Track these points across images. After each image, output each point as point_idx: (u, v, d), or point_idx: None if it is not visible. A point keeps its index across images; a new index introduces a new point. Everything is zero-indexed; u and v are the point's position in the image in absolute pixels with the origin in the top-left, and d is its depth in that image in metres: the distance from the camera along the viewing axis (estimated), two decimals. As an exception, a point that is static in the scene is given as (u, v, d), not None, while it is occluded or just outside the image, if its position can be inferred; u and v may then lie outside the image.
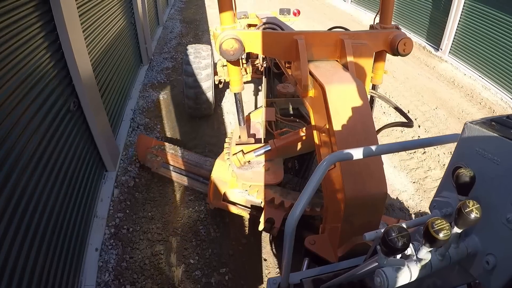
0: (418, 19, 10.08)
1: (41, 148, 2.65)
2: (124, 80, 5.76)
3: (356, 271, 1.24)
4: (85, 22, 3.85)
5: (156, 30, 10.29)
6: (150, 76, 7.25)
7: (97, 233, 3.43)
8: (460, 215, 0.87)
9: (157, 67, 7.75)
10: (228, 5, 2.46)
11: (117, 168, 4.26)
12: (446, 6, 8.52)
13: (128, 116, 5.55)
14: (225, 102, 6.40)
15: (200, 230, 3.61)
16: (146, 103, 6.18)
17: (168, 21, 11.85)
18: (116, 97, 5.06)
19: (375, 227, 1.98)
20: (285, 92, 4.20)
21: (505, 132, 0.93)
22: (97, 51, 4.25)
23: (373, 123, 2.11)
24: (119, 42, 5.56)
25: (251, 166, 3.05)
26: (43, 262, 2.43)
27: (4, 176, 2.12)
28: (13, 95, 2.32)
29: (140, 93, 6.46)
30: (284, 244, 1.38)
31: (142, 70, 7.35)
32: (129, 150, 4.73)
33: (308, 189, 1.30)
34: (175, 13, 13.31)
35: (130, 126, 5.31)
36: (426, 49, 9.32)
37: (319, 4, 15.75)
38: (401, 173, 4.67)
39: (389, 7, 2.80)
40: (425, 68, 8.29)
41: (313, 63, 2.48)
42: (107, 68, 4.72)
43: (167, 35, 10.24)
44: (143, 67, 7.50)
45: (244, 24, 5.33)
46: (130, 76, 6.37)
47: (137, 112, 5.81)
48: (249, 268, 3.35)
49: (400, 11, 10.90)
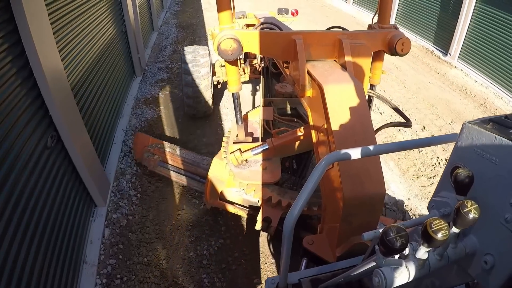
0: (425, 22, 9.66)
1: (16, 193, 2.29)
2: (114, 97, 5.20)
3: (354, 271, 1.24)
4: (64, 39, 3.38)
5: (150, 36, 9.72)
6: (143, 89, 6.73)
7: (87, 282, 3.04)
8: (459, 215, 0.87)
9: (151, 78, 7.25)
10: (227, 4, 2.45)
11: (107, 202, 3.79)
12: (455, 9, 8.19)
13: (119, 138, 4.97)
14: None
15: (203, 279, 3.25)
16: (139, 121, 5.64)
17: (163, 26, 11.33)
18: (105, 118, 4.58)
19: (373, 227, 1.97)
20: (283, 91, 4.20)
21: (504, 132, 0.93)
22: (79, 71, 3.76)
23: (371, 123, 2.11)
24: (107, 54, 5.02)
25: (248, 165, 3.05)
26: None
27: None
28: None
29: (133, 110, 5.91)
30: (282, 244, 1.37)
31: (135, 83, 6.80)
32: (120, 180, 4.25)
33: (306, 189, 1.29)
34: (171, 17, 12.85)
35: (121, 150, 4.77)
36: (434, 54, 9.03)
37: (320, 6, 15.57)
38: (422, 203, 4.33)
39: (387, 7, 2.80)
40: (435, 76, 7.97)
41: (311, 63, 2.48)
42: (93, 88, 4.23)
43: (162, 42, 9.72)
44: (136, 78, 6.95)
45: (242, 24, 5.32)
46: (122, 91, 5.80)
47: (130, 133, 5.23)
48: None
49: (406, 13, 10.58)
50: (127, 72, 6.38)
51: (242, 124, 3.09)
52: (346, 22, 12.37)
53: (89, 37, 4.24)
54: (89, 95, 4.00)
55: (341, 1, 15.48)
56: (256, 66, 5.79)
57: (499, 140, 0.91)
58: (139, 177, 4.37)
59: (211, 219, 3.82)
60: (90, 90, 4.06)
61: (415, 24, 10.24)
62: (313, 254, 2.11)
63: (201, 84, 5.01)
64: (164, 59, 8.41)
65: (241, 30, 2.60)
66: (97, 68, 4.44)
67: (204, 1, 15.13)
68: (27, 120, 2.54)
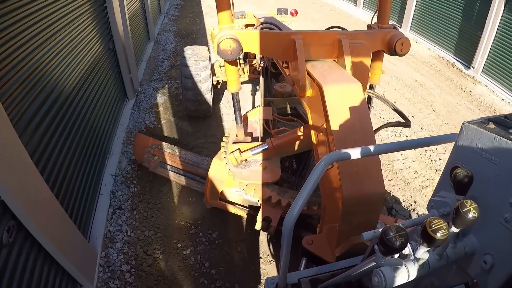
0: (444, 30, 8.87)
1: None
2: (101, 131, 4.33)
3: (354, 271, 1.24)
4: (30, 67, 2.68)
5: (145, 47, 8.65)
6: (136, 117, 5.62)
7: None
8: (458, 215, 0.87)
9: (145, 102, 6.17)
10: (226, 4, 2.45)
11: (95, 282, 3.02)
12: (480, 18, 7.41)
13: (107, 187, 4.01)
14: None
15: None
16: (132, 164, 4.53)
17: (160, 34, 10.26)
18: (88, 163, 3.69)
19: (373, 226, 1.98)
20: (282, 91, 4.21)
21: (503, 132, 0.93)
22: (50, 110, 2.89)
23: (371, 122, 2.11)
24: (91, 79, 4.16)
25: (248, 164, 3.05)
26: None
27: None
28: None
29: (124, 147, 4.77)
30: (282, 244, 1.38)
31: (127, 108, 5.74)
32: (109, 250, 3.35)
33: (306, 189, 1.29)
34: (169, 23, 11.71)
35: (109, 204, 3.82)
36: (456, 66, 8.24)
37: (328, 10, 14.59)
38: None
39: (387, 6, 2.80)
40: (462, 95, 7.27)
41: (311, 63, 2.48)
42: (70, 128, 3.32)
43: (158, 54, 8.64)
44: (128, 102, 5.92)
45: (242, 24, 5.33)
46: (110, 122, 4.84)
47: (119, 180, 4.19)
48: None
49: (423, 20, 9.81)
50: (117, 96, 5.40)
51: (241, 124, 3.09)
52: (357, 27, 11.69)
53: (60, 68, 3.31)
54: (64, 139, 3.15)
55: (351, 5, 14.55)
56: (255, 66, 5.80)
57: (498, 140, 0.91)
58: (132, 244, 3.48)
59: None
60: (65, 132, 3.20)
61: (433, 33, 9.39)
62: (312, 254, 2.11)
63: (201, 88, 5.01)
64: (160, 77, 7.34)
65: (240, 30, 2.60)
66: (76, 100, 3.61)
67: (205, 4, 14.30)
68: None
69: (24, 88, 2.58)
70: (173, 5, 14.62)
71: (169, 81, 7.19)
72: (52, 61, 3.15)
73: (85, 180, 3.56)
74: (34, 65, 2.78)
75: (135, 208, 3.91)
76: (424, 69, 8.13)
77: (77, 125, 3.53)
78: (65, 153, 3.13)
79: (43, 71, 2.94)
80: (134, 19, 7.33)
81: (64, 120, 3.23)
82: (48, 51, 3.09)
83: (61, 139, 3.10)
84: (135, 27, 7.37)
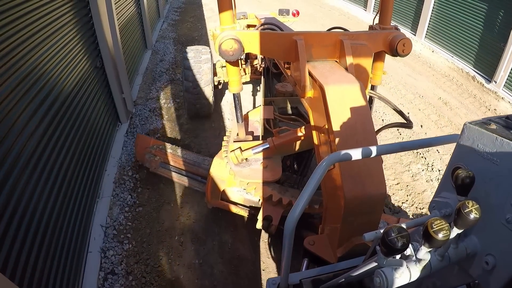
0: (463, 40, 8.21)
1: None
2: (88, 168, 3.61)
3: (356, 272, 1.24)
4: None
5: (142, 57, 7.83)
6: (130, 147, 4.75)
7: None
8: (460, 216, 0.87)
9: (140, 127, 5.35)
10: (228, 5, 2.45)
11: None
12: (503, 29, 6.85)
13: (97, 242, 3.36)
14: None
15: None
16: (125, 211, 3.80)
17: (159, 42, 9.46)
18: (72, 216, 3.04)
19: (374, 227, 1.98)
20: (283, 91, 4.21)
21: (505, 133, 0.93)
22: (18, 166, 2.29)
23: (373, 123, 2.11)
24: (75, 105, 3.50)
25: (249, 163, 3.05)
26: None
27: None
28: None
29: (116, 187, 4.02)
30: (284, 245, 1.38)
31: (119, 135, 4.93)
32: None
33: (307, 190, 1.30)
34: (168, 28, 10.88)
35: (100, 266, 3.18)
36: (476, 80, 7.64)
37: (337, 14, 13.62)
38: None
39: (388, 7, 2.80)
40: (488, 114, 6.81)
41: (312, 63, 2.48)
42: (48, 177, 2.69)
43: (156, 66, 7.82)
44: (120, 127, 5.10)
45: (244, 24, 5.33)
46: (100, 154, 4.11)
47: (111, 233, 3.52)
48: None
49: (439, 28, 9.11)
50: (107, 121, 4.62)
51: (242, 123, 3.09)
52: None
53: (45, 84, 2.84)
54: (44, 181, 2.60)
55: (360, 9, 13.79)
56: (257, 67, 5.80)
57: (500, 141, 0.91)
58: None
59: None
60: (45, 171, 2.64)
61: (451, 42, 8.69)
62: (314, 255, 2.11)
63: (203, 88, 5.01)
64: (157, 94, 6.56)
65: (242, 31, 2.60)
66: (58, 131, 3.00)
67: (207, 7, 13.56)
68: None
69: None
70: (173, 8, 13.85)
71: (167, 100, 6.32)
72: (22, 88, 2.46)
73: (70, 233, 2.91)
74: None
75: (130, 271, 3.21)
76: (446, 84, 7.55)
77: (59, 161, 2.91)
78: (45, 198, 2.55)
79: (14, 98, 2.32)
80: (128, 26, 6.59)
81: (43, 156, 2.65)
82: (19, 75, 2.45)
83: (41, 180, 2.53)
84: (129, 35, 6.65)
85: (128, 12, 6.68)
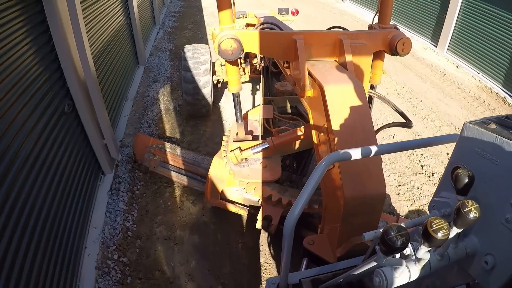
0: (493, 57, 7.35)
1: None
2: (63, 243, 2.80)
3: (355, 271, 1.24)
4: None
5: (132, 76, 6.55)
6: (115, 213, 3.71)
7: None
8: (459, 215, 0.87)
9: (124, 184, 4.08)
10: (227, 4, 2.45)
11: None
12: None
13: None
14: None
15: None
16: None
17: (153, 55, 8.15)
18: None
19: (374, 227, 1.98)
20: (283, 90, 4.21)
21: (504, 132, 0.93)
22: None
23: (372, 123, 2.12)
24: (43, 159, 2.69)
25: (248, 163, 3.05)
26: None
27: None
28: None
29: (99, 274, 3.07)
30: (283, 244, 1.38)
31: (101, 194, 3.84)
32: None
33: (307, 190, 1.30)
34: (164, 37, 9.61)
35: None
36: (507, 102, 6.85)
37: (350, 20, 12.21)
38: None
39: (388, 7, 2.80)
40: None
41: (312, 63, 2.48)
42: (13, 266, 2.07)
43: (148, 89, 6.46)
44: (103, 182, 3.99)
45: (243, 23, 5.33)
46: (77, 224, 3.17)
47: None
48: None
49: (464, 41, 8.16)
50: (86, 174, 3.58)
51: (242, 123, 3.09)
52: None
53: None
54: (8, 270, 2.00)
55: (369, 13, 12.35)
56: (256, 66, 5.80)
57: (499, 140, 0.91)
58: None
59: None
60: (7, 258, 2.04)
61: (477, 57, 7.73)
62: (313, 255, 2.11)
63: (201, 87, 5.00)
64: (151, 130, 5.26)
65: (241, 30, 2.60)
66: (25, 192, 2.37)
67: (207, 11, 12.42)
68: None
69: None
70: (170, 12, 12.58)
71: (163, 140, 4.61)
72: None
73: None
74: None
75: None
76: (479, 109, 6.75)
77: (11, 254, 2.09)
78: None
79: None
80: (114, 43, 5.33)
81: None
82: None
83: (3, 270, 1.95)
84: (115, 53, 5.33)
85: (113, 26, 5.35)
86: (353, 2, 14.53)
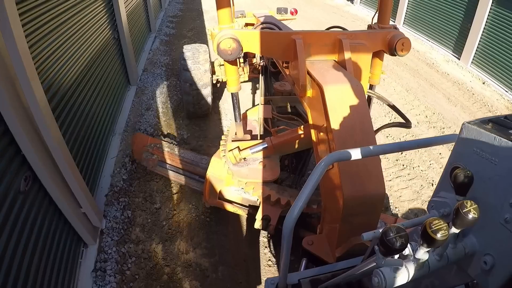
0: None
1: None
2: None
3: (354, 271, 1.24)
4: None
5: (122, 101, 5.55)
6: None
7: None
8: (458, 215, 0.87)
9: (111, 264, 3.17)
10: (226, 3, 2.44)
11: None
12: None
13: None
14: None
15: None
16: None
17: (147, 72, 7.08)
18: None
19: (373, 227, 1.98)
20: (282, 90, 4.21)
21: (503, 133, 0.93)
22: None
23: (371, 122, 2.12)
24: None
25: (247, 163, 3.05)
26: None
27: None
28: None
29: None
30: (282, 245, 1.37)
31: (83, 273, 3.06)
32: None
33: (306, 190, 1.29)
34: (160, 48, 8.58)
35: None
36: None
37: (364, 27, 10.47)
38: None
39: (387, 7, 2.81)
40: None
41: (311, 63, 2.48)
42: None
43: (140, 119, 5.40)
44: (86, 255, 3.22)
45: (242, 23, 5.32)
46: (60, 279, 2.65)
47: None
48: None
49: (496, 59, 7.35)
50: (59, 256, 2.76)
51: (240, 122, 3.08)
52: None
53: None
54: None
55: (390, 22, 11.63)
56: (255, 65, 5.80)
57: (498, 141, 0.91)
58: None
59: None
60: None
61: (506, 74, 7.07)
62: (312, 255, 2.11)
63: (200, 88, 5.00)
64: (139, 174, 4.31)
65: (240, 30, 2.60)
66: None
67: (208, 16, 11.80)
68: None
69: None
70: (168, 17, 11.55)
71: (152, 201, 3.93)
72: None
73: None
74: None
75: None
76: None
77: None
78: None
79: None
80: (94, 67, 4.26)
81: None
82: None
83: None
84: (97, 81, 4.32)
85: (92, 48, 4.25)
86: (364, 5, 13.92)
